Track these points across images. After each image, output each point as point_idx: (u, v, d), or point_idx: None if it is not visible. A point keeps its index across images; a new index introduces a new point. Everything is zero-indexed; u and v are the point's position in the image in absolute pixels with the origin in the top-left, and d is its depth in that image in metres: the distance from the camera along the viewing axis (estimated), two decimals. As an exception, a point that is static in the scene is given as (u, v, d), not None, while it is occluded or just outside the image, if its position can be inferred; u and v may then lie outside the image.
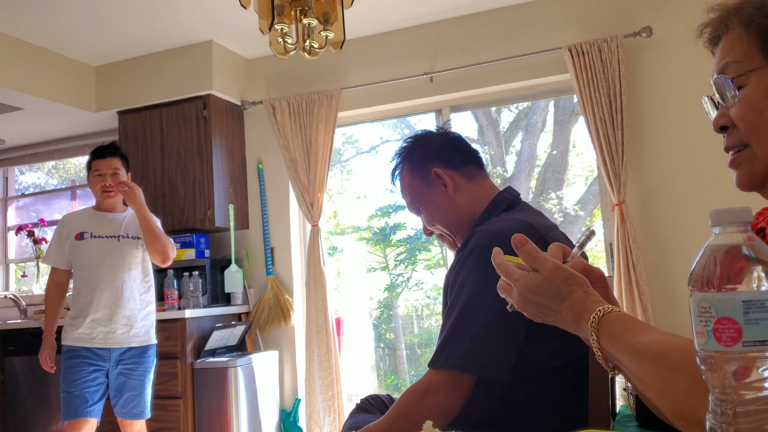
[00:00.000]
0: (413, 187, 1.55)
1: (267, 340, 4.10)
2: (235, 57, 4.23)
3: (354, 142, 5.23)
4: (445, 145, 1.56)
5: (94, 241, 2.96)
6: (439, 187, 1.51)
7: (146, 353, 2.99)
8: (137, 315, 2.97)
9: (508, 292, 0.92)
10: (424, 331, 5.09)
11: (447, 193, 1.51)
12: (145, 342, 2.99)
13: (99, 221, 3.03)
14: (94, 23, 3.70)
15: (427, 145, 1.57)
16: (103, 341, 2.90)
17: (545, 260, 0.88)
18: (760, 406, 0.51)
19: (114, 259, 2.95)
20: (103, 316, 2.90)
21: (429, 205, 1.53)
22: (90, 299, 2.90)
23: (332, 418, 3.81)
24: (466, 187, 1.52)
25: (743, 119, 0.84)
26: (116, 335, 2.91)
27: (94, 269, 2.93)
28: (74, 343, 2.90)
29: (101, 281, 2.92)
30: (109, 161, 3.00)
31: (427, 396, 1.24)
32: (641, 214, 3.44)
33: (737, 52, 0.84)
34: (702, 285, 0.54)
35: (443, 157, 1.53)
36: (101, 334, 2.90)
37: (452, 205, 1.51)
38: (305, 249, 4.08)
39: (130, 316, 2.94)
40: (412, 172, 1.55)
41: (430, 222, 1.55)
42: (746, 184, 0.87)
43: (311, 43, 2.36)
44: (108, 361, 2.94)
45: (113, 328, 2.91)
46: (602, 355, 0.81)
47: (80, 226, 3.00)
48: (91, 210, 3.10)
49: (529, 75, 3.70)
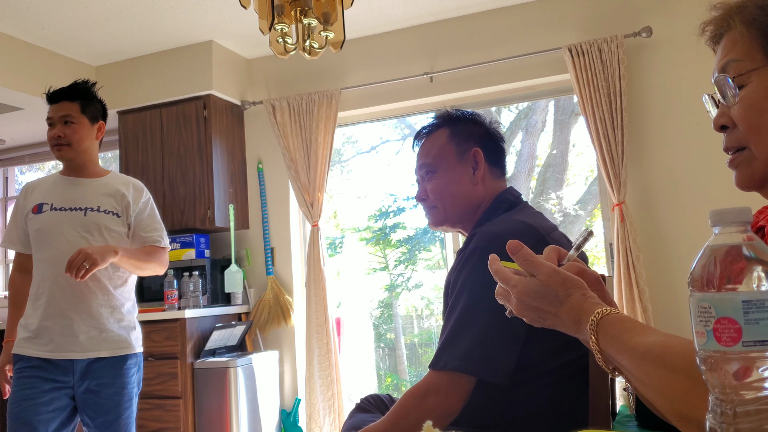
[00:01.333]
0: (445, 151, 1.52)
1: (267, 340, 4.10)
2: (235, 57, 4.23)
3: (354, 142, 5.23)
4: (492, 137, 1.56)
5: (54, 215, 2.23)
6: (469, 168, 1.50)
7: (123, 365, 2.25)
8: (109, 315, 2.24)
9: (506, 298, 0.92)
10: (424, 331, 5.09)
11: (473, 177, 1.50)
12: (121, 350, 2.25)
13: (63, 189, 2.29)
14: (94, 23, 3.70)
15: (477, 125, 1.56)
16: (62, 349, 2.16)
17: (541, 265, 0.88)
18: (760, 406, 0.51)
19: (78, 239, 2.21)
20: (63, 315, 2.18)
21: (448, 175, 1.50)
22: (45, 293, 2.19)
23: (332, 418, 3.81)
24: (490, 184, 1.52)
25: (744, 120, 0.84)
26: (79, 341, 2.18)
27: (51, 252, 2.19)
28: (25, 351, 2.17)
29: (57, 267, 2.15)
30: (61, 106, 2.28)
31: (427, 397, 1.24)
32: (641, 214, 3.44)
33: (738, 50, 0.84)
34: (702, 285, 0.54)
35: (488, 146, 1.53)
36: (60, 339, 2.16)
37: (471, 190, 1.49)
38: (305, 249, 4.09)
39: (98, 315, 2.22)
40: (451, 138, 1.53)
41: (436, 191, 1.51)
42: (746, 184, 0.88)
43: (311, 43, 2.36)
44: (71, 375, 2.18)
45: (75, 332, 2.17)
46: (602, 357, 0.81)
47: (40, 196, 2.28)
48: (57, 174, 2.36)
49: (529, 75, 3.70)
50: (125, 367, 2.26)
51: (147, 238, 2.36)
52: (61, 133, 2.26)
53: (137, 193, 2.39)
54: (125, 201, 2.33)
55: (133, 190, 2.38)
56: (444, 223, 1.54)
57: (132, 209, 2.34)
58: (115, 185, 2.34)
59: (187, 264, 3.90)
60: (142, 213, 2.38)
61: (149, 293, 3.93)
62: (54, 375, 2.16)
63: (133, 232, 2.35)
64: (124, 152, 4.18)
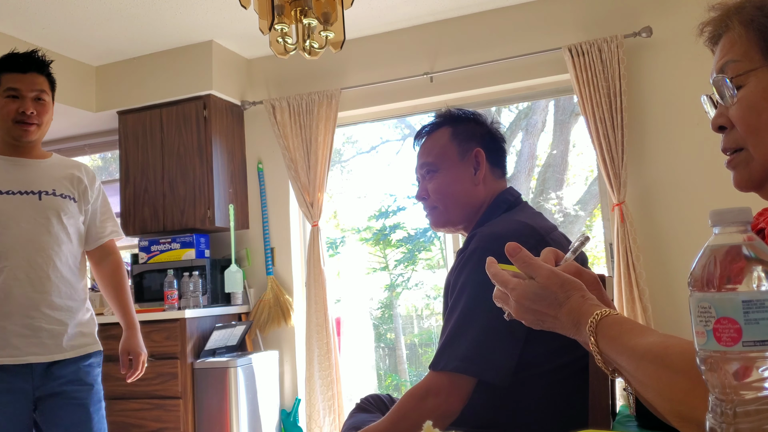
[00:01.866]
0: (446, 150, 1.51)
1: (267, 340, 4.10)
2: (235, 57, 4.23)
3: (354, 142, 5.23)
4: (494, 137, 1.56)
5: (3, 200, 1.97)
6: (470, 168, 1.50)
7: (89, 363, 2.06)
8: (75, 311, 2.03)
9: (504, 301, 0.92)
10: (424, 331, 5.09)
11: (474, 178, 1.49)
12: (88, 348, 2.06)
13: (8, 170, 2.01)
14: (94, 23, 3.70)
15: (479, 125, 1.56)
16: (19, 352, 1.91)
17: (540, 267, 0.88)
18: (760, 406, 0.51)
19: (36, 227, 1.97)
20: (18, 313, 1.92)
21: (449, 174, 1.50)
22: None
23: (332, 418, 3.81)
24: (490, 184, 1.52)
25: (742, 120, 0.84)
26: (41, 341, 1.94)
27: (5, 241, 1.94)
28: None
29: (13, 259, 1.92)
30: (33, 78, 2.01)
31: (427, 398, 1.25)
32: (641, 214, 3.44)
33: (737, 51, 0.84)
34: (702, 285, 0.54)
35: (490, 146, 1.53)
36: (16, 340, 1.91)
37: (472, 190, 1.49)
38: (305, 249, 4.09)
39: (63, 312, 1.99)
40: (453, 137, 1.52)
41: (437, 191, 1.51)
42: (744, 185, 0.88)
43: (311, 43, 2.36)
44: (30, 380, 1.93)
45: (37, 331, 1.93)
46: (601, 358, 0.81)
47: None
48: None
49: (529, 75, 3.70)
50: (92, 367, 2.07)
51: (102, 233, 2.18)
52: (34, 110, 2.00)
53: (90, 177, 2.18)
54: (82, 185, 2.12)
55: (86, 174, 2.16)
56: (446, 224, 1.54)
57: (90, 195, 2.15)
58: (67, 168, 2.12)
59: (187, 264, 3.90)
60: (97, 201, 2.19)
61: (149, 293, 3.93)
62: (10, 381, 1.89)
63: (89, 223, 2.15)
64: (124, 152, 4.18)
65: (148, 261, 3.98)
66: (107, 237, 2.20)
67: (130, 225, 4.11)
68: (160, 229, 4.03)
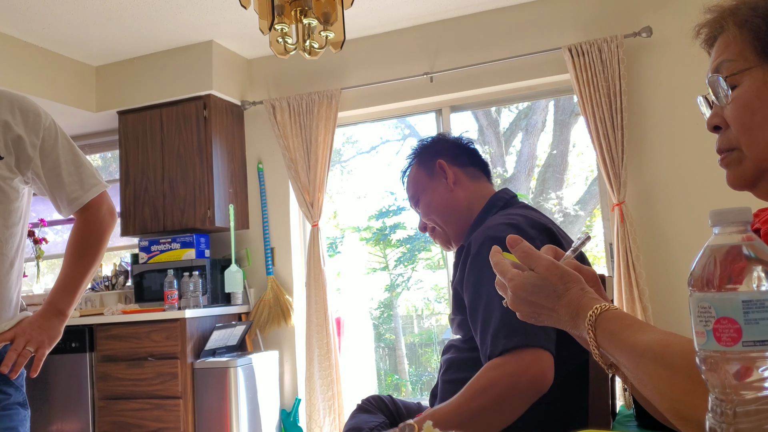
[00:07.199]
0: (418, 178, 1.62)
1: (267, 340, 4.11)
2: (235, 57, 4.23)
3: (354, 142, 5.23)
4: (455, 145, 1.65)
5: None
6: (441, 178, 1.58)
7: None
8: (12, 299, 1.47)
9: (504, 290, 0.92)
10: (424, 331, 5.09)
11: (447, 185, 1.57)
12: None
13: None
14: (94, 23, 3.70)
15: (439, 143, 1.66)
16: None
17: (540, 258, 0.88)
18: (760, 406, 0.51)
19: None
20: None
21: (427, 194, 1.59)
22: None
23: (332, 418, 3.81)
24: (467, 184, 1.57)
25: (736, 120, 0.84)
26: None
27: None
28: None
29: None
30: None
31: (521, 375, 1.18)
32: (641, 214, 3.44)
33: (732, 51, 0.85)
34: (702, 285, 0.54)
35: (451, 153, 1.61)
36: None
37: (450, 197, 1.56)
38: (305, 249, 4.09)
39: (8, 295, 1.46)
40: (419, 165, 1.64)
41: (427, 213, 1.60)
42: (737, 183, 0.88)
43: (311, 43, 2.36)
44: None
45: None
46: (599, 353, 0.81)
47: None
48: None
49: (529, 75, 3.70)
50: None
51: (77, 191, 1.53)
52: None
53: (27, 116, 1.46)
54: (12, 133, 1.43)
55: (21, 113, 1.45)
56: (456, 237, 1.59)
57: (28, 145, 1.44)
58: None
59: (187, 264, 3.90)
60: (52, 152, 1.49)
61: (149, 293, 3.93)
62: None
63: (50, 189, 1.50)
64: (124, 152, 4.18)
65: (148, 261, 3.98)
66: (88, 195, 1.54)
67: (130, 225, 4.11)
68: (160, 229, 4.03)
